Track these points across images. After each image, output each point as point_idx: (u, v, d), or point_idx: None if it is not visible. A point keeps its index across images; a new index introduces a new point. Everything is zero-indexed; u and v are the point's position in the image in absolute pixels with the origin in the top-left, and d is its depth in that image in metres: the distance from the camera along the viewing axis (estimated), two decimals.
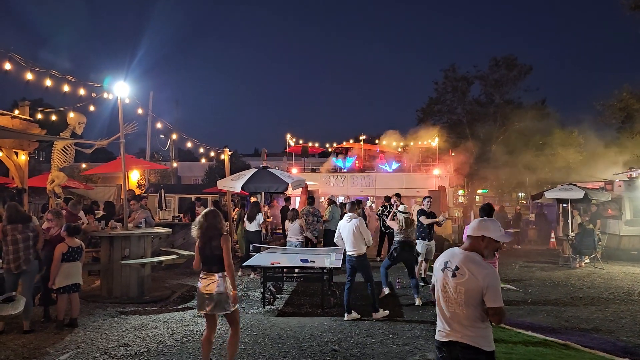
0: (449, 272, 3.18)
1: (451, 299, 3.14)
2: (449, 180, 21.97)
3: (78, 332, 6.45)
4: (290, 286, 9.55)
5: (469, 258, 3.17)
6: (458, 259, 3.18)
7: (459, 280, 3.11)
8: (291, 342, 6.23)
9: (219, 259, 4.99)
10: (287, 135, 23.85)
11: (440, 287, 3.22)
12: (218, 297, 4.91)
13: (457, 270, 3.14)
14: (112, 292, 8.25)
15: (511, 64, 30.08)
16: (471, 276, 3.06)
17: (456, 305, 3.12)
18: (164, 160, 34.65)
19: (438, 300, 3.26)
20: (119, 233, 8.22)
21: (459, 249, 3.29)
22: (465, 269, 3.10)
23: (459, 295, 3.10)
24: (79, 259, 6.63)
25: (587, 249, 12.47)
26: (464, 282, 3.08)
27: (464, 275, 3.10)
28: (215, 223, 5.06)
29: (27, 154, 10.64)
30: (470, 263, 3.13)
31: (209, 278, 4.98)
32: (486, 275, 3.04)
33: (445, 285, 3.19)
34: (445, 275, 3.20)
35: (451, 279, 3.15)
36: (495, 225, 3.24)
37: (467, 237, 3.30)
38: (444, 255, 3.33)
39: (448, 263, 3.22)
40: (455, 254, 3.24)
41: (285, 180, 11.04)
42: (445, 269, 3.22)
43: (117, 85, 8.41)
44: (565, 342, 6.24)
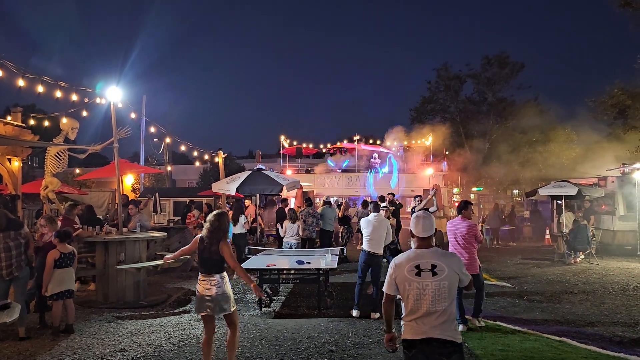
0: (427, 272, 3.26)
1: (433, 298, 3.21)
2: (443, 178, 22.02)
3: (74, 338, 6.42)
4: (287, 288, 9.55)
5: (438, 253, 3.37)
6: (431, 258, 3.31)
7: (440, 276, 3.24)
8: (288, 343, 6.23)
9: (218, 262, 5.02)
10: (281, 137, 23.84)
11: (415, 293, 3.26)
12: (218, 298, 4.93)
13: (435, 268, 3.26)
14: (108, 298, 8.22)
15: (503, 62, 30.20)
16: (449, 268, 3.26)
17: (438, 302, 3.21)
18: (159, 164, 34.62)
19: (408, 302, 3.30)
20: (113, 238, 8.19)
21: (420, 250, 3.40)
22: (443, 265, 3.27)
23: (442, 292, 3.22)
24: (71, 264, 6.60)
25: (581, 245, 12.54)
26: (446, 276, 3.24)
27: (443, 271, 3.25)
28: (224, 227, 5.10)
29: (21, 160, 10.58)
30: (443, 257, 3.34)
31: (208, 280, 4.99)
32: (457, 261, 3.38)
33: (424, 288, 3.24)
34: (423, 278, 3.25)
35: (432, 279, 3.24)
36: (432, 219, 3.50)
37: (422, 237, 3.42)
38: (407, 259, 3.37)
39: (420, 265, 3.29)
40: (422, 254, 3.36)
41: (280, 182, 11.06)
42: (420, 272, 3.27)
43: (110, 90, 8.39)
44: (561, 339, 6.29)
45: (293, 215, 10.91)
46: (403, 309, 3.38)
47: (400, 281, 3.32)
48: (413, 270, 3.28)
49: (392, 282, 3.38)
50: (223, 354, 5.79)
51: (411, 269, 3.29)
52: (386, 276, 3.47)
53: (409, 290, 3.27)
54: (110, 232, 8.55)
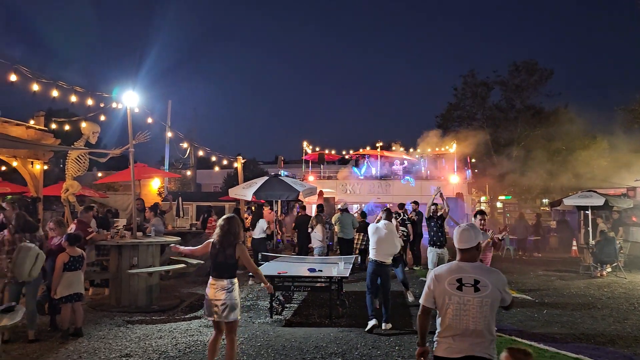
0: (469, 287, 3.11)
1: (474, 315, 3.07)
2: (467, 187, 21.64)
3: (82, 342, 6.45)
4: (301, 295, 9.45)
5: (482, 269, 3.22)
6: (474, 273, 3.16)
7: (483, 293, 3.09)
8: (294, 353, 6.13)
9: (232, 267, 5.03)
10: (304, 143, 23.84)
11: (454, 307, 3.11)
12: (226, 303, 4.90)
13: (479, 284, 3.11)
14: (121, 301, 8.26)
15: (532, 68, 29.64)
16: (493, 286, 3.10)
17: (481, 319, 3.06)
18: (184, 168, 35.04)
19: (446, 317, 3.15)
20: (127, 242, 8.24)
21: (463, 262, 3.25)
22: (487, 281, 3.12)
23: (484, 309, 3.07)
24: (80, 268, 6.64)
25: (608, 257, 12.08)
26: (489, 293, 3.09)
27: (487, 287, 3.10)
28: (234, 230, 5.06)
29: (43, 163, 10.80)
30: (486, 273, 3.18)
31: (219, 285, 4.97)
32: (501, 279, 3.20)
33: (465, 303, 3.09)
34: (464, 292, 3.11)
35: (474, 294, 3.09)
36: (477, 230, 3.33)
37: (462, 249, 3.26)
38: (448, 272, 3.22)
39: (462, 279, 3.14)
40: (464, 268, 3.21)
41: (297, 188, 11.00)
42: (462, 286, 3.12)
43: (126, 95, 8.48)
44: (579, 356, 6.01)
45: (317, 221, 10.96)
46: (438, 324, 3.24)
47: (439, 294, 3.19)
48: (454, 284, 3.15)
49: (430, 294, 3.25)
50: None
51: (452, 282, 3.15)
52: (424, 287, 3.36)
53: (448, 304, 3.14)
54: (125, 236, 8.60)
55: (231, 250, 4.94)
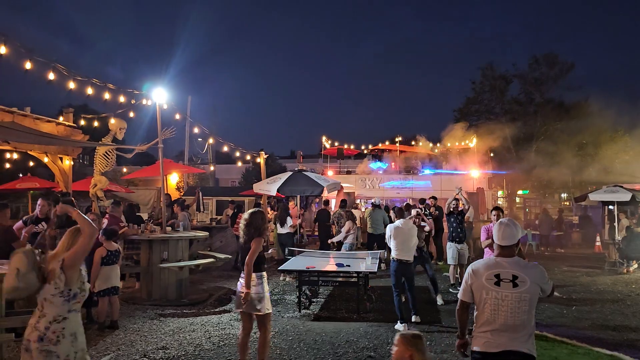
0: (507, 283, 3.14)
1: (512, 310, 3.10)
2: (487, 181, 21.50)
3: (119, 334, 6.59)
4: (327, 290, 9.51)
5: (520, 264, 3.23)
6: (512, 268, 3.18)
7: (522, 288, 3.12)
8: (326, 347, 6.19)
9: (256, 260, 5.05)
10: (323, 138, 23.86)
11: (492, 302, 3.15)
12: (252, 296, 4.96)
13: (517, 279, 3.14)
14: (152, 295, 8.40)
15: (552, 61, 29.27)
16: (532, 282, 3.13)
17: (519, 314, 3.10)
18: (203, 163, 35.28)
19: (485, 312, 3.18)
20: (157, 237, 8.37)
21: (500, 258, 3.27)
22: (525, 276, 3.14)
23: (522, 304, 3.10)
24: (116, 262, 6.78)
25: (635, 253, 11.96)
26: (527, 289, 3.12)
27: (525, 283, 3.13)
28: (256, 223, 5.11)
29: (71, 159, 10.97)
30: (525, 268, 3.20)
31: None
32: (540, 272, 3.24)
33: (503, 298, 3.12)
34: (502, 288, 3.14)
35: (513, 290, 3.12)
36: (518, 226, 3.36)
37: (502, 246, 3.28)
38: (486, 267, 3.25)
39: (500, 275, 3.16)
40: (502, 263, 3.24)
41: (321, 183, 11.04)
42: (500, 282, 3.15)
43: (156, 92, 8.58)
44: (613, 353, 5.99)
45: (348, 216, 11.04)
46: (476, 319, 3.28)
47: (477, 289, 3.23)
48: (492, 279, 3.18)
49: (468, 289, 3.29)
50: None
51: (490, 278, 3.19)
52: (462, 282, 3.39)
53: (486, 299, 3.18)
54: (155, 231, 8.73)
55: (249, 245, 5.00)
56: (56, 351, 3.19)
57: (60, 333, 3.22)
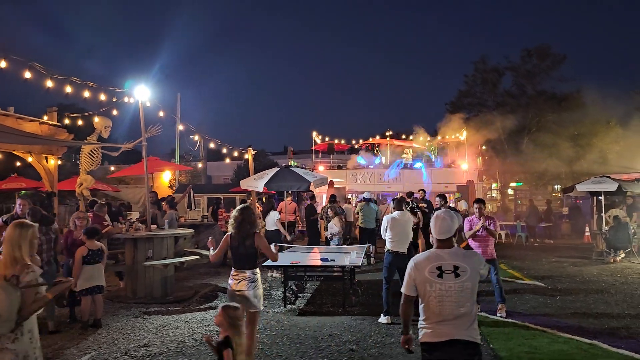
0: (449, 274, 3.18)
1: (455, 300, 3.14)
2: (478, 174, 21.56)
3: (101, 333, 6.59)
4: (314, 285, 9.53)
5: (460, 254, 3.29)
6: (452, 259, 3.22)
7: (463, 277, 3.16)
8: (309, 342, 6.21)
9: (252, 257, 5.08)
10: (314, 133, 23.83)
11: (437, 294, 3.17)
12: (248, 294, 4.97)
13: (458, 270, 3.18)
14: (137, 293, 8.39)
15: (544, 53, 29.28)
16: (472, 270, 3.18)
17: (461, 304, 3.14)
18: (194, 161, 35.19)
19: (430, 304, 3.21)
20: (142, 235, 8.36)
21: (440, 250, 3.31)
22: (465, 265, 3.19)
23: (465, 293, 3.15)
24: (100, 261, 6.76)
25: (621, 243, 12.03)
26: (468, 277, 3.16)
27: (466, 272, 3.17)
28: (249, 219, 5.11)
29: (57, 158, 10.93)
30: (465, 258, 3.25)
31: (241, 276, 5.03)
32: (478, 260, 3.32)
33: (447, 289, 3.16)
34: (445, 279, 3.18)
35: (455, 280, 3.16)
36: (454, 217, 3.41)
37: (440, 239, 3.33)
38: (427, 260, 3.28)
39: (442, 267, 3.20)
40: (442, 255, 3.27)
41: (307, 178, 11.04)
42: (442, 273, 3.19)
43: (138, 89, 8.54)
44: (592, 342, 6.03)
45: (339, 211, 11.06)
46: (422, 312, 3.29)
47: (421, 283, 3.24)
48: (434, 271, 3.20)
49: (412, 282, 3.30)
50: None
51: (432, 270, 3.20)
52: (405, 277, 3.40)
53: (430, 292, 3.19)
54: (139, 229, 8.72)
55: (250, 241, 5.00)
56: (15, 349, 3.17)
57: (18, 330, 3.20)
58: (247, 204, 5.40)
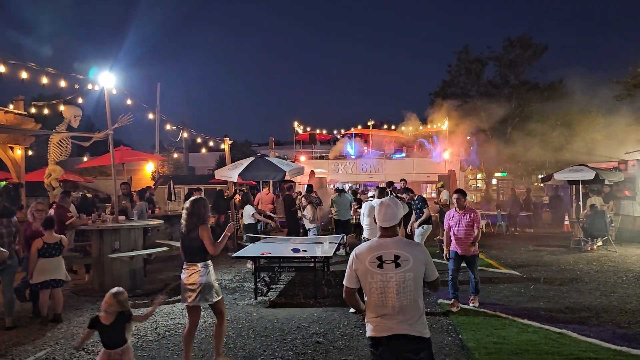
0: (389, 264, 3.01)
1: (397, 291, 2.98)
2: (459, 164, 21.51)
3: (61, 328, 6.38)
4: (289, 276, 9.39)
5: (402, 243, 3.10)
6: (394, 248, 3.05)
7: (404, 267, 2.99)
8: (276, 334, 6.06)
9: (200, 249, 4.88)
10: (295, 123, 23.58)
11: (378, 286, 3.01)
12: (200, 288, 4.80)
13: (399, 259, 3.00)
14: (104, 286, 8.14)
15: (526, 43, 29.33)
16: (415, 258, 3.00)
17: (403, 295, 2.98)
18: (178, 152, 34.83)
19: (372, 297, 3.06)
20: (107, 226, 8.12)
21: (383, 239, 3.14)
22: (407, 254, 3.01)
23: (407, 284, 2.98)
24: (57, 254, 6.51)
25: (598, 231, 12.02)
26: (411, 267, 2.99)
27: (408, 261, 3.00)
28: (198, 212, 4.91)
29: (24, 149, 10.63)
30: (407, 247, 3.07)
31: (192, 269, 4.86)
32: (423, 252, 3.09)
33: (388, 280, 3.00)
34: (385, 269, 3.01)
35: (396, 270, 2.99)
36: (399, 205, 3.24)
37: (384, 227, 3.16)
38: (368, 250, 3.11)
39: (383, 256, 3.03)
40: (385, 244, 3.10)
41: (283, 168, 10.85)
42: (383, 264, 3.02)
43: (103, 76, 8.25)
44: (562, 331, 5.96)
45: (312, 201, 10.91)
46: (367, 305, 3.14)
47: (362, 274, 3.07)
48: (375, 261, 3.03)
49: (353, 274, 3.13)
50: (207, 345, 5.67)
51: (373, 261, 3.03)
52: (346, 268, 3.23)
53: (371, 283, 3.03)
54: (107, 221, 8.48)
55: (195, 233, 4.81)
56: None
57: None
58: (199, 196, 5.18)
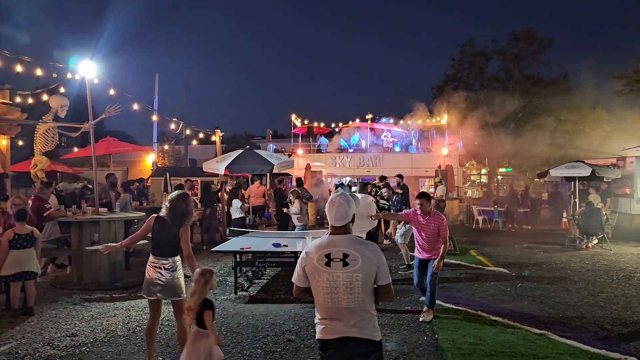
0: (337, 262, 2.83)
1: (345, 292, 2.80)
2: (458, 159, 21.26)
3: (31, 321, 6.27)
4: (274, 271, 9.25)
5: (353, 241, 2.90)
6: (344, 246, 2.86)
7: (352, 267, 2.80)
8: (248, 331, 5.93)
9: (176, 246, 4.75)
10: (292, 116, 23.36)
11: (325, 285, 2.84)
12: (170, 283, 4.66)
13: (347, 258, 2.81)
14: (83, 279, 8.07)
15: (531, 37, 28.91)
16: (365, 258, 2.81)
17: (351, 297, 2.80)
18: (177, 144, 34.76)
19: (319, 297, 2.88)
20: (85, 218, 8.00)
21: (333, 236, 2.96)
22: (357, 254, 2.82)
23: (355, 285, 2.79)
24: (29, 246, 6.40)
25: (593, 229, 11.79)
26: (359, 267, 2.80)
27: (357, 261, 2.81)
28: (179, 209, 4.75)
29: (9, 139, 10.52)
30: (357, 245, 2.87)
31: (161, 264, 4.70)
32: (375, 252, 2.88)
33: (335, 279, 2.82)
34: (333, 268, 2.83)
35: (343, 269, 2.81)
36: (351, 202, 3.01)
37: (335, 227, 2.97)
38: (318, 247, 2.93)
39: (331, 254, 2.85)
40: (335, 242, 2.91)
41: (271, 161, 10.68)
42: (330, 262, 2.84)
43: (83, 65, 8.07)
44: (542, 332, 5.79)
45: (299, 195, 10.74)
46: (316, 306, 2.97)
47: (310, 272, 2.90)
48: (323, 259, 2.85)
49: (302, 272, 2.95)
50: (175, 341, 5.52)
51: (321, 258, 2.85)
52: (296, 266, 3.06)
53: (318, 282, 2.86)
54: (86, 213, 8.36)
55: (176, 230, 4.67)
56: None
57: None
58: (182, 191, 5.02)
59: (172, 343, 5.51)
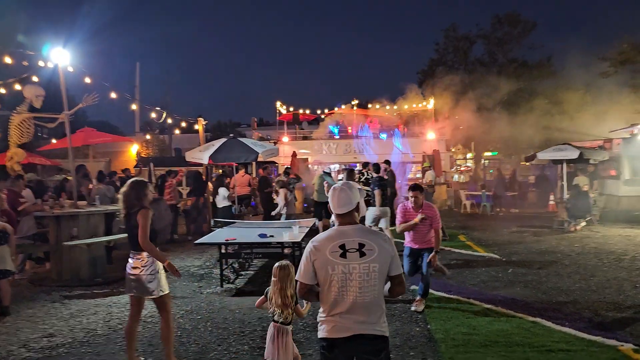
0: (353, 253, 2.63)
1: (360, 285, 2.62)
2: (445, 143, 21.14)
3: (7, 321, 6.00)
4: (261, 262, 9.03)
5: (366, 231, 2.76)
6: (357, 236, 2.69)
7: (370, 257, 2.63)
8: (234, 326, 5.73)
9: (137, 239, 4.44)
10: (277, 103, 23.00)
11: (339, 278, 2.64)
12: (142, 279, 4.38)
13: (364, 247, 2.64)
14: (62, 275, 7.79)
15: (514, 21, 28.83)
16: (381, 248, 2.66)
17: (366, 289, 2.63)
18: (162, 133, 34.20)
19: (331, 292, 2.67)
20: (63, 212, 7.69)
21: (342, 226, 2.77)
22: (372, 243, 2.66)
23: (372, 276, 2.63)
24: (2, 243, 6.10)
25: (581, 211, 11.74)
26: (376, 257, 2.64)
27: (373, 251, 2.64)
28: (134, 194, 4.43)
29: None
30: (372, 235, 2.73)
31: (136, 258, 4.45)
32: (389, 242, 2.76)
33: (351, 272, 2.63)
34: (349, 259, 2.63)
35: (360, 260, 2.63)
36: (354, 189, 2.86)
37: (341, 214, 2.79)
38: (329, 239, 2.72)
39: (346, 245, 2.65)
40: (346, 232, 2.73)
41: (256, 149, 10.41)
42: (346, 252, 2.64)
43: (55, 52, 7.70)
44: (535, 319, 5.67)
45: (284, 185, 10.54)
46: (321, 302, 2.76)
47: (321, 266, 2.67)
48: (337, 250, 2.65)
49: (310, 267, 2.71)
50: (158, 339, 5.28)
51: (335, 250, 2.66)
52: (301, 261, 2.81)
53: (332, 275, 2.64)
54: (64, 206, 8.05)
55: (134, 219, 4.37)
56: None
57: None
58: (139, 178, 4.74)
59: (155, 341, 5.26)
